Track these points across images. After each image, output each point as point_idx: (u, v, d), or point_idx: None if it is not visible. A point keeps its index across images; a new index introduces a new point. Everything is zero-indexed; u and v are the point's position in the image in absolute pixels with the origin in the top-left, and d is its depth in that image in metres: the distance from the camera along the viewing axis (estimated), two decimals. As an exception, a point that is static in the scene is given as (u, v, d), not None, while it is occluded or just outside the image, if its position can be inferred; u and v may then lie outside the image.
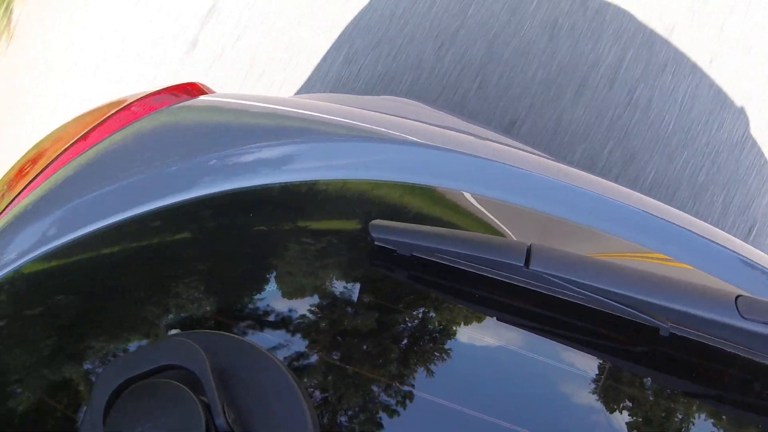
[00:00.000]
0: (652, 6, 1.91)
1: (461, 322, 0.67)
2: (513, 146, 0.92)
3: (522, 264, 0.64)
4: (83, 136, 0.89)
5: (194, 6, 2.10)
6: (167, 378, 0.54)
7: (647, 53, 1.90)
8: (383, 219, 0.72)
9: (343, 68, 1.99)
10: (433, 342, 0.65)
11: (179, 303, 0.69)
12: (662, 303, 0.61)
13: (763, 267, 0.77)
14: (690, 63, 1.89)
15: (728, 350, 0.66)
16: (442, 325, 0.67)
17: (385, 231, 0.71)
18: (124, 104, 0.93)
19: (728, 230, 1.85)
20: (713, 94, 1.88)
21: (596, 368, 0.65)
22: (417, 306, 0.69)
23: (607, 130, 1.88)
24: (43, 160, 0.90)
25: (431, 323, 0.67)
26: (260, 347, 0.62)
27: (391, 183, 0.78)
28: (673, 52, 1.90)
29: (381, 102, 1.27)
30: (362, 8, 2.01)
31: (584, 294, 0.64)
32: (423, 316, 0.68)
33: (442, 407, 0.60)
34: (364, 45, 1.99)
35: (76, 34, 2.16)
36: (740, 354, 0.67)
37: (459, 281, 0.70)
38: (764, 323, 0.59)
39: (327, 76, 2.00)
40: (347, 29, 2.00)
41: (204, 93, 1.00)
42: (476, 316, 0.68)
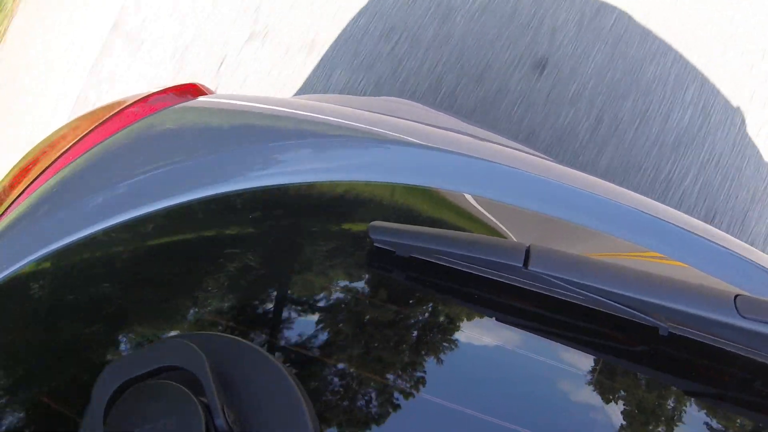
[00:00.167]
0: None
1: (460, 323, 0.67)
2: (512, 147, 0.92)
3: (521, 265, 0.64)
4: (84, 137, 0.89)
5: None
6: (167, 379, 0.55)
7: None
8: (382, 220, 0.72)
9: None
10: (433, 343, 0.65)
11: (178, 304, 0.69)
12: (661, 303, 0.61)
13: (762, 266, 0.77)
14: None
15: (727, 349, 0.66)
16: (442, 326, 0.67)
17: (384, 232, 0.71)
18: (124, 105, 0.93)
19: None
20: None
21: (595, 368, 0.65)
22: (416, 307, 0.69)
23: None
24: (44, 161, 0.90)
25: (430, 324, 0.67)
26: (260, 348, 0.62)
27: (390, 184, 0.78)
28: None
29: (380, 103, 1.27)
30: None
31: (583, 294, 0.64)
32: (422, 317, 0.68)
33: (442, 407, 0.60)
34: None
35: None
36: (739, 353, 0.67)
37: (458, 282, 0.70)
38: (764, 322, 0.59)
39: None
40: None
41: (204, 93, 1.00)
42: (475, 317, 0.68)
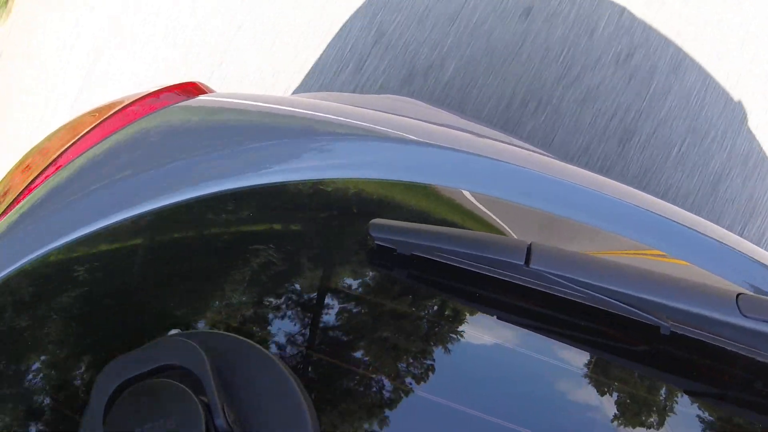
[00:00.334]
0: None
1: (461, 321, 0.67)
2: (513, 144, 0.92)
3: (522, 262, 0.63)
4: (84, 136, 0.89)
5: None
6: (167, 378, 0.54)
7: None
8: (383, 218, 0.72)
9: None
10: (433, 341, 0.65)
11: (179, 303, 0.69)
12: (663, 301, 0.61)
13: (764, 264, 0.76)
14: None
15: (729, 348, 0.66)
16: (443, 324, 0.67)
17: (385, 230, 0.70)
18: (124, 104, 0.93)
19: None
20: None
21: (597, 367, 0.65)
22: (417, 305, 0.69)
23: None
24: (44, 161, 0.90)
25: (431, 322, 0.67)
26: (260, 347, 0.62)
27: (391, 182, 0.78)
28: None
29: (380, 101, 1.27)
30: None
31: (585, 292, 0.64)
32: (423, 315, 0.68)
33: (443, 406, 0.60)
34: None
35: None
36: (741, 352, 0.66)
37: (459, 280, 0.70)
38: (766, 321, 0.59)
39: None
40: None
41: (203, 92, 1.00)
42: (476, 315, 0.68)
